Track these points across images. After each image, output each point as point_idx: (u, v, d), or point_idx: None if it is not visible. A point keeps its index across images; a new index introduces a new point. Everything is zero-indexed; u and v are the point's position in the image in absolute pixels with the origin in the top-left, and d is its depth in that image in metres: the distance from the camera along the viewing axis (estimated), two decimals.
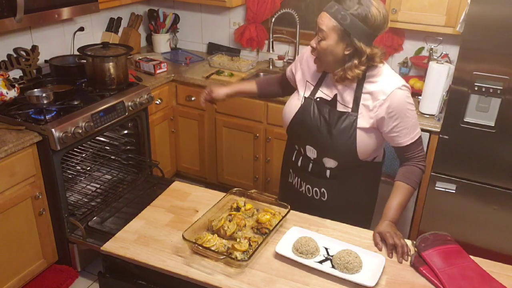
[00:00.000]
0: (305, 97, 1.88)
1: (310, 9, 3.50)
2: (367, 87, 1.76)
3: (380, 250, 1.69)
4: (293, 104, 1.92)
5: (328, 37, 1.69)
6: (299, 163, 1.99)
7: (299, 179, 2.02)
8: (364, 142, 1.80)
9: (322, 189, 1.97)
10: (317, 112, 1.84)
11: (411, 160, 1.85)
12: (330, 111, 1.82)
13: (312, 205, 2.00)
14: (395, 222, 1.79)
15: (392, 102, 1.73)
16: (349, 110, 1.79)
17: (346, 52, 1.70)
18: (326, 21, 1.67)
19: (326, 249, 1.67)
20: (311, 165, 1.94)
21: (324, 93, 1.85)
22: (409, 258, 1.67)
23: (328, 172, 1.92)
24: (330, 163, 1.90)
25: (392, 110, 1.74)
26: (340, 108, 1.81)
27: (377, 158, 1.97)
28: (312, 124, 1.85)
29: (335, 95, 1.82)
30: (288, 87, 2.11)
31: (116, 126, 2.97)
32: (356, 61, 1.70)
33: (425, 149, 2.77)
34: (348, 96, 1.79)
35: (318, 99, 1.85)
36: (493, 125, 2.50)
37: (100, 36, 3.52)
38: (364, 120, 1.78)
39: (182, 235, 1.63)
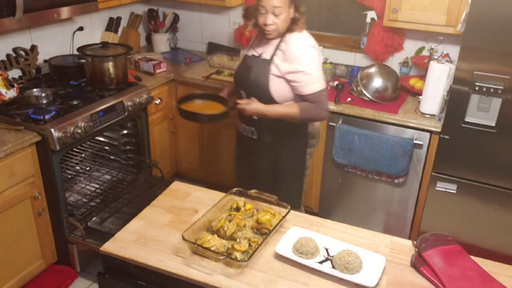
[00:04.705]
0: (243, 55, 2.49)
1: (310, 8, 3.49)
2: (281, 45, 2.26)
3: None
4: (238, 63, 2.52)
5: (283, 11, 2.16)
6: None
7: (239, 121, 2.50)
8: (276, 86, 2.27)
9: (252, 128, 2.43)
10: (245, 64, 2.39)
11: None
12: (253, 60, 2.34)
13: (248, 144, 2.51)
14: (262, 111, 2.27)
15: (301, 60, 2.20)
16: (267, 58, 2.29)
17: (292, 15, 2.22)
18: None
19: (326, 249, 1.67)
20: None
21: (255, 51, 2.37)
22: (411, 258, 1.67)
23: None
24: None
25: (302, 66, 2.20)
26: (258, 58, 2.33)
27: None
28: (242, 73, 2.39)
29: (261, 53, 2.33)
30: None
31: (115, 126, 2.97)
32: (298, 16, 2.24)
33: (425, 149, 2.77)
34: (269, 52, 2.30)
35: (249, 55, 2.39)
36: (494, 125, 2.50)
37: (99, 35, 3.51)
38: (276, 69, 2.25)
39: (182, 236, 1.62)
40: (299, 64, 2.20)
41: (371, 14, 3.21)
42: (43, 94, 2.55)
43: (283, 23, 2.20)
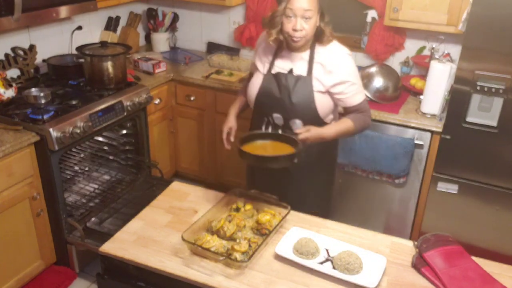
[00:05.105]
0: (264, 74, 2.18)
1: None
2: (317, 58, 2.09)
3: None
4: (255, 83, 2.20)
5: (313, 15, 1.99)
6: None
7: None
8: (322, 102, 2.10)
9: None
10: (276, 84, 2.13)
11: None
12: (287, 79, 2.10)
13: (280, 171, 2.16)
14: (323, 134, 2.07)
15: (343, 69, 2.08)
16: (304, 75, 2.09)
17: (318, 23, 2.05)
18: (312, 2, 1.97)
19: (327, 250, 1.67)
20: (280, 132, 2.12)
21: (280, 67, 2.15)
22: (412, 259, 1.66)
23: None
24: (294, 124, 2.13)
25: (346, 75, 2.08)
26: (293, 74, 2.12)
27: (333, 120, 2.24)
28: (274, 94, 2.13)
29: (291, 69, 2.12)
30: None
31: (114, 126, 2.95)
32: (323, 26, 2.07)
33: (426, 149, 2.77)
34: (301, 67, 2.10)
35: (276, 73, 2.14)
36: (495, 125, 2.49)
37: (98, 35, 3.51)
38: (319, 85, 2.08)
39: (182, 236, 1.62)
40: (344, 74, 2.08)
41: (371, 14, 3.20)
42: (42, 94, 2.54)
43: (311, 30, 2.02)
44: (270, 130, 2.16)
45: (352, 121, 2.13)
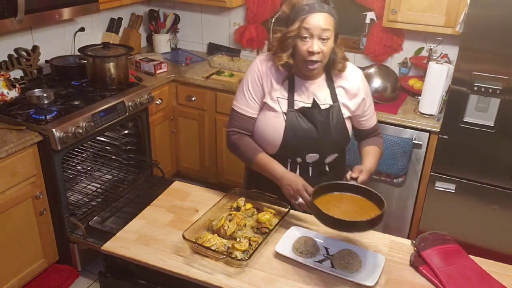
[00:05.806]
0: (284, 112, 1.88)
1: None
2: (337, 82, 1.91)
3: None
4: (275, 124, 1.88)
5: (331, 35, 1.76)
6: (297, 174, 1.92)
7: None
8: (350, 129, 1.98)
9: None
10: (306, 121, 1.87)
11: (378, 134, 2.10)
12: (322, 113, 1.88)
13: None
14: (371, 170, 1.90)
15: (363, 89, 1.94)
16: (331, 103, 1.89)
17: (333, 46, 1.81)
18: (330, 20, 1.74)
19: (326, 248, 1.68)
20: (310, 169, 1.97)
21: (302, 101, 1.89)
22: (410, 257, 1.68)
23: (327, 166, 2.00)
24: (331, 158, 1.98)
25: (365, 95, 1.95)
26: (323, 107, 1.89)
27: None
28: (309, 133, 1.88)
29: (314, 100, 1.89)
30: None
31: (116, 126, 2.98)
32: (338, 51, 1.84)
33: (424, 149, 2.79)
34: (324, 95, 1.89)
35: (300, 109, 1.88)
36: (492, 125, 2.51)
37: (100, 36, 3.53)
38: (347, 111, 1.92)
39: (183, 235, 1.63)
40: (365, 94, 1.93)
41: (370, 15, 3.22)
42: (45, 94, 2.56)
43: (328, 53, 1.78)
44: (298, 172, 1.93)
45: (378, 147, 2.01)
